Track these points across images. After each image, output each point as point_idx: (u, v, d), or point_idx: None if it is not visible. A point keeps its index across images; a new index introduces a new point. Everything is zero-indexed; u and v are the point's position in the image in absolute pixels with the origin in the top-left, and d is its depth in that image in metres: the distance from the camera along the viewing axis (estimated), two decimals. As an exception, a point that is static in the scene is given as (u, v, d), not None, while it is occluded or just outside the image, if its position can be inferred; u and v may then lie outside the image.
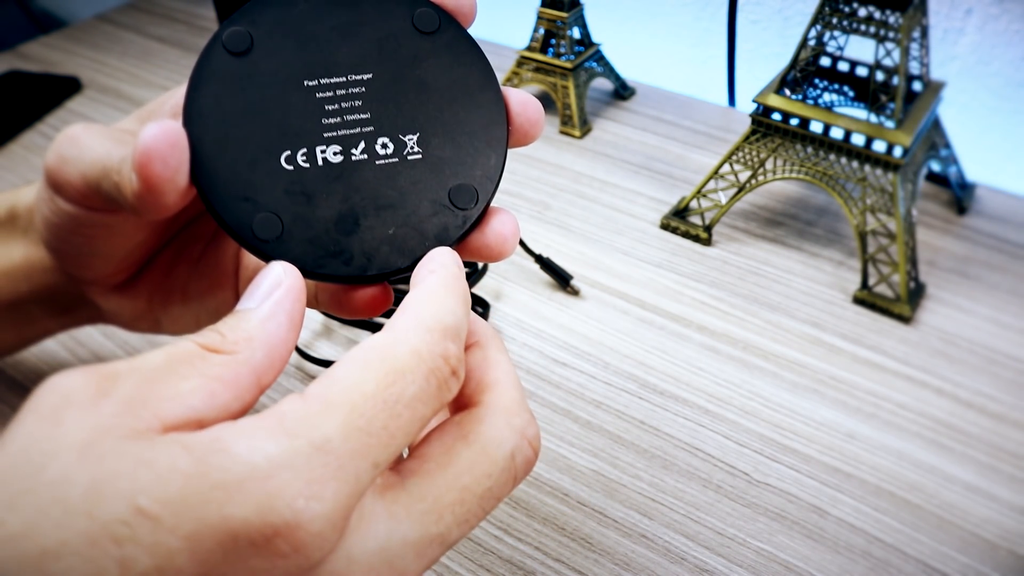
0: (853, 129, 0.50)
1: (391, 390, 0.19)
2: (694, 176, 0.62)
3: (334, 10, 0.25)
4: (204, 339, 0.20)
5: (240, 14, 0.24)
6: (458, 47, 0.26)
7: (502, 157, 0.26)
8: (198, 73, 0.23)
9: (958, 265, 0.54)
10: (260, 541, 0.17)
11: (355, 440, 0.18)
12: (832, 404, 0.44)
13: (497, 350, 0.24)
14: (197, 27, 0.86)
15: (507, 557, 0.37)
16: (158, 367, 0.19)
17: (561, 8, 0.64)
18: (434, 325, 0.21)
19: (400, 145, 0.25)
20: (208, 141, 0.23)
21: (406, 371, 0.20)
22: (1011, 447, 0.41)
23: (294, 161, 0.23)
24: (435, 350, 0.20)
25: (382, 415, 0.19)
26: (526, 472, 0.22)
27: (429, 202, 0.25)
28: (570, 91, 0.66)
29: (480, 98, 0.26)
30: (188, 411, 0.18)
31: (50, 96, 0.72)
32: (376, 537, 0.19)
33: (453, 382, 0.21)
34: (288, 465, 0.17)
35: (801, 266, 0.54)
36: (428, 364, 0.20)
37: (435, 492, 0.20)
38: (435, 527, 0.20)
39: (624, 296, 0.51)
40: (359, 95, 0.25)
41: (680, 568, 0.36)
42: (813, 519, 0.38)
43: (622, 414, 0.44)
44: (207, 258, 0.33)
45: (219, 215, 0.23)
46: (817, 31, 0.51)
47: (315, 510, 0.17)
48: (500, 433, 0.22)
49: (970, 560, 0.36)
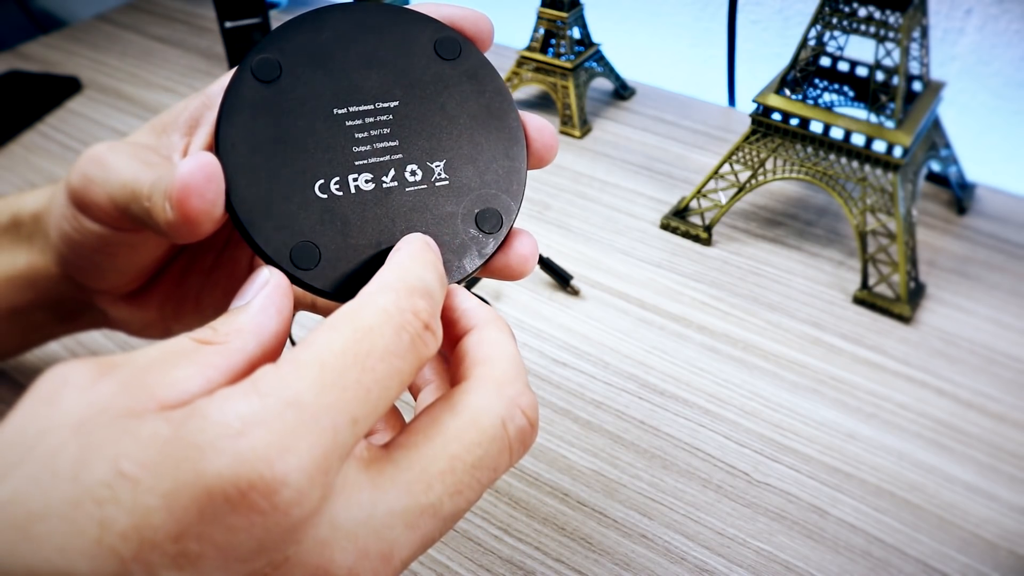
0: (853, 129, 0.50)
1: (360, 345, 0.19)
2: (694, 176, 0.62)
3: (359, 37, 0.26)
4: (197, 334, 0.20)
5: (268, 41, 0.25)
6: (478, 73, 0.27)
7: (523, 181, 0.26)
8: (228, 102, 0.24)
9: (958, 265, 0.54)
10: (235, 496, 0.17)
11: (328, 395, 0.18)
12: (832, 404, 0.44)
13: (496, 330, 0.24)
14: (197, 27, 0.86)
15: (507, 557, 0.37)
16: (154, 358, 0.19)
17: (561, 8, 0.64)
18: (399, 286, 0.21)
19: (428, 172, 0.25)
20: (243, 171, 0.23)
21: (374, 327, 0.20)
22: (1011, 447, 0.41)
23: (327, 190, 0.24)
24: (403, 305, 0.20)
25: (354, 369, 0.19)
26: (522, 443, 0.22)
27: (457, 227, 0.25)
28: (570, 91, 0.66)
29: (500, 124, 0.26)
30: (184, 395, 0.19)
31: (50, 96, 0.72)
32: (361, 505, 0.19)
33: (428, 336, 0.21)
34: (260, 422, 0.17)
35: (801, 266, 0.54)
36: (397, 319, 0.20)
37: (422, 462, 0.20)
38: (424, 496, 0.20)
39: (624, 296, 0.51)
40: (387, 122, 0.25)
41: (680, 568, 0.36)
42: (813, 519, 0.38)
43: (622, 414, 0.44)
44: (220, 267, 0.33)
45: (257, 245, 0.23)
46: (817, 31, 0.51)
47: (290, 463, 0.17)
48: (488, 401, 0.21)
49: (970, 560, 0.36)
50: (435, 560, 0.37)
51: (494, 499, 0.39)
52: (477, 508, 0.39)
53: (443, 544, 0.37)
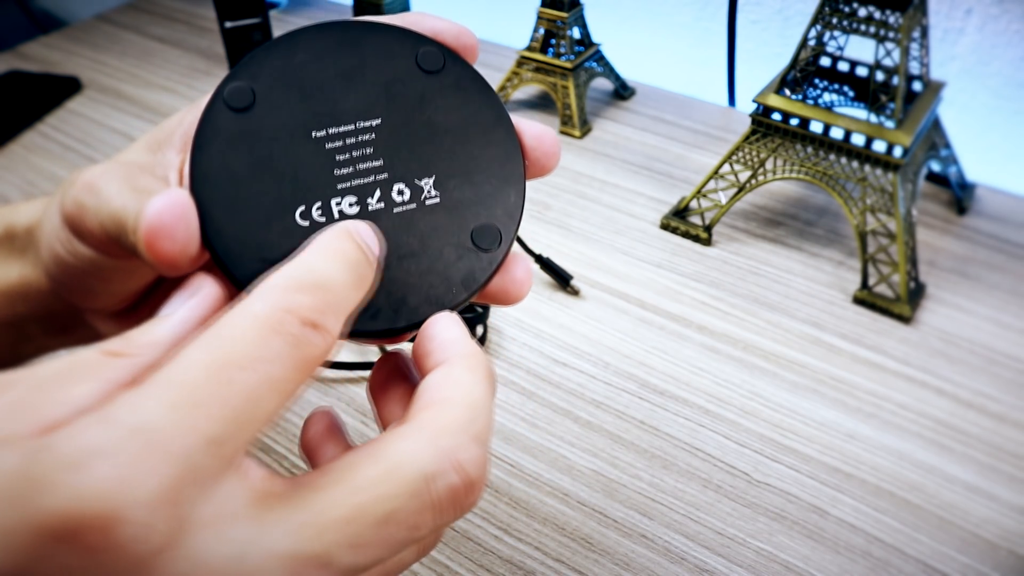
0: (853, 129, 0.50)
1: (218, 353, 0.17)
2: (694, 176, 0.62)
3: (336, 56, 0.24)
4: (109, 345, 0.19)
5: (240, 68, 0.24)
6: (465, 84, 0.25)
7: (521, 193, 0.25)
8: (201, 133, 0.23)
9: (958, 265, 0.54)
10: (67, 535, 0.15)
11: (178, 415, 0.17)
12: (832, 404, 0.44)
13: (464, 369, 0.21)
14: (197, 27, 0.86)
15: (507, 557, 0.37)
16: (55, 372, 0.18)
17: (561, 8, 0.64)
18: (279, 282, 0.19)
19: (417, 190, 0.24)
20: (219, 204, 0.22)
21: (237, 333, 0.18)
22: (1011, 447, 0.41)
23: (309, 216, 0.23)
24: (276, 303, 0.18)
25: (210, 383, 0.17)
26: (453, 503, 0.19)
27: (452, 246, 0.24)
28: (570, 91, 0.66)
29: (493, 134, 0.25)
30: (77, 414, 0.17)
31: (50, 96, 0.72)
32: (233, 541, 0.17)
33: (312, 335, 0.19)
34: (102, 452, 0.16)
35: (801, 266, 0.54)
36: (267, 320, 0.18)
37: (320, 505, 0.18)
38: (312, 544, 0.18)
39: (624, 296, 0.51)
40: (370, 142, 0.24)
41: (680, 568, 0.36)
42: (813, 519, 0.38)
43: (622, 414, 0.44)
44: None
45: (237, 280, 0.22)
46: (817, 31, 0.51)
47: (130, 497, 0.16)
48: (416, 451, 0.19)
49: (970, 560, 0.36)
50: (435, 560, 0.37)
51: (494, 499, 0.39)
52: (477, 508, 0.39)
53: (443, 544, 0.37)
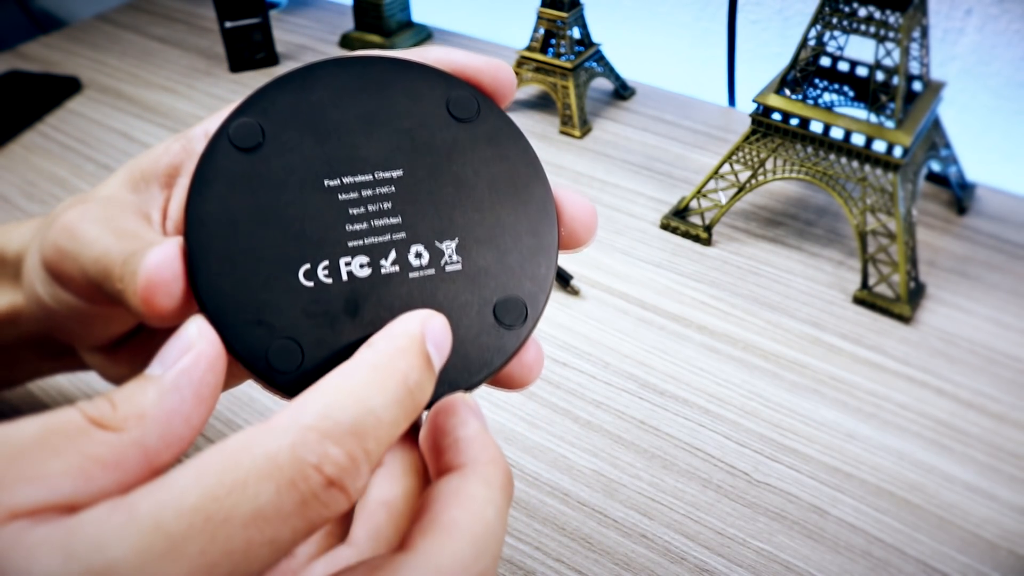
0: (853, 129, 0.50)
1: (219, 504, 0.15)
2: (694, 176, 0.62)
3: (357, 96, 0.22)
4: (92, 409, 0.17)
5: (249, 103, 0.21)
6: (500, 136, 0.23)
7: (553, 265, 0.22)
8: (201, 173, 0.21)
9: (958, 265, 0.54)
10: None
11: (152, 566, 0.14)
12: (832, 404, 0.44)
13: (480, 482, 0.19)
14: (197, 27, 0.86)
15: (507, 557, 0.37)
16: (30, 440, 0.16)
17: (561, 8, 0.64)
18: (315, 422, 0.16)
19: (436, 254, 0.22)
20: (214, 254, 0.20)
21: (250, 480, 0.15)
22: (1011, 447, 0.41)
23: (314, 276, 0.20)
24: (302, 454, 0.16)
25: (199, 537, 0.15)
26: None
27: (472, 321, 0.21)
28: (570, 91, 0.66)
29: (526, 196, 0.23)
30: (53, 495, 0.15)
31: (50, 96, 0.72)
32: None
33: (333, 496, 0.16)
34: None
35: (801, 266, 0.54)
36: (287, 472, 0.15)
37: None
38: None
39: (624, 296, 0.51)
40: (388, 195, 0.22)
41: (680, 568, 0.36)
42: (813, 519, 0.38)
43: (622, 414, 0.44)
44: None
45: (229, 343, 0.19)
46: (817, 31, 0.51)
47: None
48: None
49: (970, 560, 0.36)
50: (435, 560, 0.37)
51: (494, 499, 0.39)
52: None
53: (443, 544, 0.37)
